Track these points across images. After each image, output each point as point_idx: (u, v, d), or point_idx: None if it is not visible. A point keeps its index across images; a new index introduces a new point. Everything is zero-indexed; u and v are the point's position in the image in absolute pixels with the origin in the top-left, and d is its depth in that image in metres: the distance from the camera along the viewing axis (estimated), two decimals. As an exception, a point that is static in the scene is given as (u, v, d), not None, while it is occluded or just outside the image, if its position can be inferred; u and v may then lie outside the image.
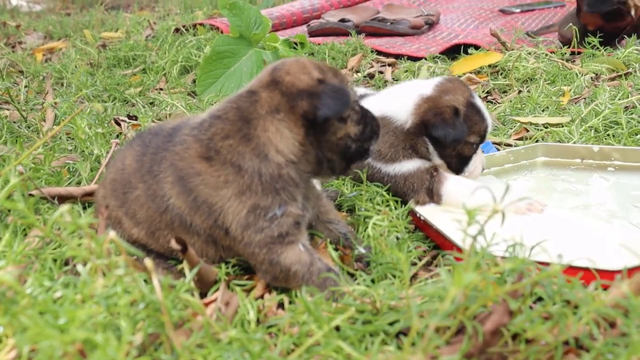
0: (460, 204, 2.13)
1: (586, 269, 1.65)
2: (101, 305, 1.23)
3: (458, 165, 2.29)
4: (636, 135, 2.76)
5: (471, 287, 1.28)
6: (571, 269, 1.63)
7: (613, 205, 2.21)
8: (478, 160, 2.32)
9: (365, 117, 1.83)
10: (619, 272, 1.65)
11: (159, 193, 1.76)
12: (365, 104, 2.28)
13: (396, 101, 2.29)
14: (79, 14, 8.95)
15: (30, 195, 2.11)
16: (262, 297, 1.76)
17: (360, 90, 2.62)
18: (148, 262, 1.30)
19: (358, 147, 1.80)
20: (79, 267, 1.30)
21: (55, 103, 3.34)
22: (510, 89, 3.71)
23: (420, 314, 1.41)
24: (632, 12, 4.16)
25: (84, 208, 2.25)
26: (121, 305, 1.24)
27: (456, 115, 2.20)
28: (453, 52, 4.55)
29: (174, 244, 1.60)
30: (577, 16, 4.34)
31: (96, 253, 1.32)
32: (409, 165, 2.24)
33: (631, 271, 1.62)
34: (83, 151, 2.61)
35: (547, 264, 1.55)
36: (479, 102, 2.28)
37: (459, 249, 1.76)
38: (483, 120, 2.26)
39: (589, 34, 4.21)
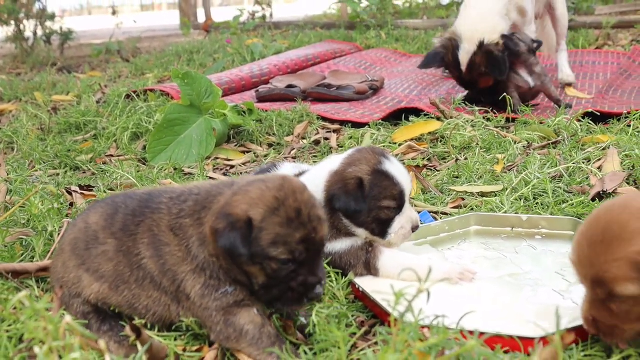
0: (397, 276, 2.29)
1: (509, 338, 1.80)
2: (58, 386, 1.32)
3: (380, 229, 2.38)
4: (562, 204, 2.96)
5: (400, 361, 1.41)
6: (493, 338, 1.78)
7: (539, 273, 2.38)
8: (403, 220, 2.39)
9: (289, 279, 1.82)
10: (540, 339, 1.80)
11: (134, 251, 1.94)
12: None
13: (313, 181, 2.38)
14: (29, 73, 9.00)
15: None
16: (210, 368, 1.87)
17: (287, 166, 2.74)
18: (101, 343, 1.41)
19: (267, 293, 1.85)
20: (36, 349, 1.40)
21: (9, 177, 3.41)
22: (448, 157, 3.90)
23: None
24: None
25: (37, 282, 2.33)
26: (77, 385, 1.34)
27: (360, 186, 2.32)
28: (396, 118, 4.76)
29: (129, 332, 1.72)
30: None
31: (52, 335, 1.41)
32: (341, 245, 2.37)
33: (545, 340, 1.77)
34: (36, 227, 2.68)
35: (472, 332, 1.71)
36: (390, 167, 2.36)
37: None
38: (395, 185, 2.34)
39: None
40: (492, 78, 4.76)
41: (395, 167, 2.38)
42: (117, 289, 1.97)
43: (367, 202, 2.31)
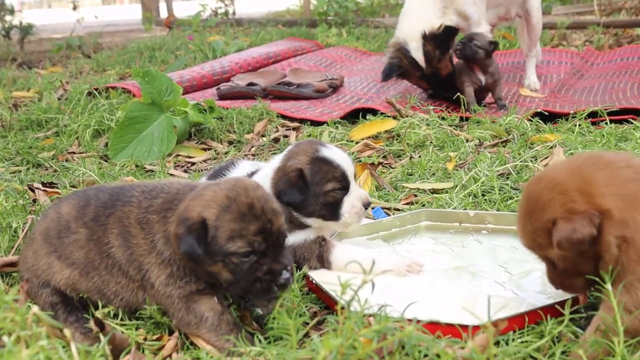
0: (349, 268, 2.41)
1: (446, 325, 1.94)
2: (26, 371, 1.42)
3: (331, 213, 2.50)
4: (509, 200, 3.11)
5: (346, 347, 1.54)
6: (435, 326, 1.92)
7: (483, 266, 2.52)
8: (352, 199, 2.50)
9: (253, 270, 1.90)
10: (475, 327, 1.92)
11: (104, 240, 2.05)
12: None
13: (261, 182, 2.43)
14: (-12, 69, 8.96)
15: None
16: (170, 356, 1.98)
17: (245, 164, 2.84)
18: (67, 331, 1.51)
19: (235, 288, 1.95)
20: (5, 339, 1.49)
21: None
22: (403, 154, 4.04)
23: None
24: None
25: (2, 277, 2.41)
26: (43, 371, 1.44)
27: (302, 176, 2.44)
28: (354, 116, 4.89)
29: (93, 326, 1.83)
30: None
31: (20, 325, 1.51)
32: (295, 238, 2.48)
33: (475, 328, 1.90)
34: (0, 223, 2.76)
35: (412, 320, 1.83)
36: (328, 153, 2.48)
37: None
38: (335, 167, 2.46)
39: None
40: (450, 62, 5.12)
41: (333, 152, 2.50)
42: (87, 275, 2.08)
43: (312, 190, 2.43)
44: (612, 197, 1.78)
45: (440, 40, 5.04)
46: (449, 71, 5.19)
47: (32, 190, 3.36)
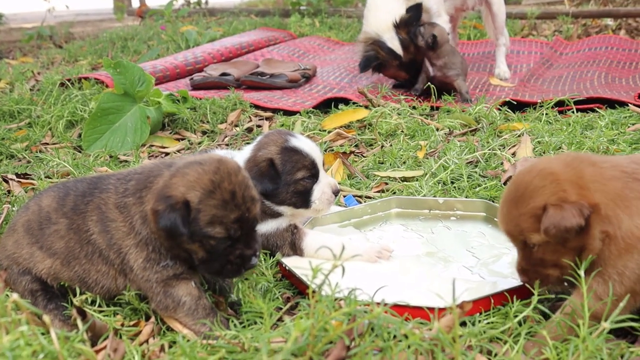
0: (320, 255, 2.48)
1: (413, 308, 2.01)
2: (7, 357, 1.46)
3: (302, 201, 2.57)
4: (477, 187, 3.19)
5: (318, 329, 1.60)
6: (404, 308, 1.99)
7: (452, 251, 2.60)
8: (322, 186, 2.58)
9: (227, 253, 1.98)
10: (441, 309, 2.00)
11: (83, 228, 2.10)
12: None
13: None
14: (-42, 60, 8.87)
15: None
16: (147, 341, 2.03)
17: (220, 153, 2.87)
18: (46, 318, 1.55)
19: (207, 267, 2.02)
20: (-15, 325, 1.53)
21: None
22: (375, 143, 4.10)
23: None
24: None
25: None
26: (24, 356, 1.48)
27: (272, 165, 2.51)
28: (326, 106, 4.94)
29: (74, 314, 1.87)
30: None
31: (0, 312, 1.55)
32: (267, 227, 2.55)
33: (442, 310, 1.98)
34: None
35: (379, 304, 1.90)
36: (297, 143, 2.56)
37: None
38: (305, 156, 2.54)
39: None
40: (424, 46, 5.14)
41: (302, 142, 2.57)
42: (69, 264, 2.12)
43: (283, 178, 2.50)
44: (598, 193, 1.87)
45: (411, 23, 5.13)
46: (422, 57, 5.25)
47: (7, 182, 3.37)
